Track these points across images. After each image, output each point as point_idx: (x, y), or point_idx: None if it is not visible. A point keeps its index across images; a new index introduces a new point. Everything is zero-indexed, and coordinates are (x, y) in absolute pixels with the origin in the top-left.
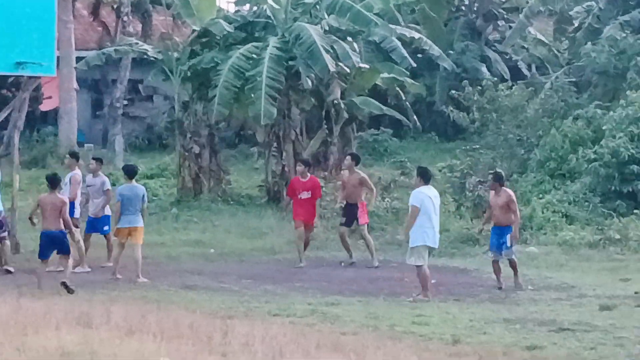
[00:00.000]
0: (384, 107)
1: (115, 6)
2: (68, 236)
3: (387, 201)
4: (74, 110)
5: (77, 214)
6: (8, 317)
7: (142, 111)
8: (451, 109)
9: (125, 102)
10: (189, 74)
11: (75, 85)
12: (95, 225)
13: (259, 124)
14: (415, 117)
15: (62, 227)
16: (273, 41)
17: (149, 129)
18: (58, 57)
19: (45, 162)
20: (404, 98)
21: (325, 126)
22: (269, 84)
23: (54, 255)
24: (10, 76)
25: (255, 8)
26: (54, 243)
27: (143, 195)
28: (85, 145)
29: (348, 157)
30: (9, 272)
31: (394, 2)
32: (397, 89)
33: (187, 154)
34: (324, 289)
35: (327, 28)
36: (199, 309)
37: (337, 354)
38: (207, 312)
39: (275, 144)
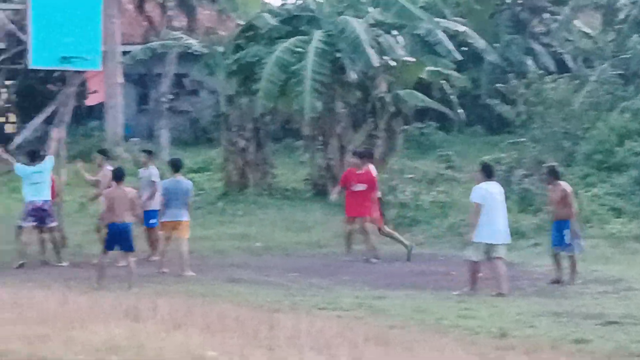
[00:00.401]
0: (430, 101)
1: (160, 0)
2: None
3: (433, 194)
4: (120, 105)
5: None
6: (55, 310)
7: (187, 105)
8: (497, 102)
9: (171, 97)
10: (234, 68)
11: (120, 79)
12: (144, 218)
13: (304, 118)
14: (460, 110)
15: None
16: (318, 35)
17: (194, 123)
18: (103, 52)
19: (91, 157)
20: (449, 91)
21: (371, 120)
22: (313, 78)
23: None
24: (56, 71)
25: (300, 2)
26: (120, 236)
27: (188, 190)
28: (131, 139)
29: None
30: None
31: None
32: (443, 82)
33: (232, 148)
34: (370, 282)
35: (372, 21)
36: (245, 303)
37: (384, 348)
38: (253, 305)
39: (320, 138)
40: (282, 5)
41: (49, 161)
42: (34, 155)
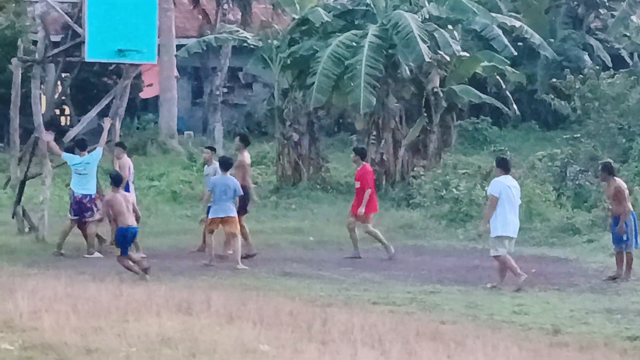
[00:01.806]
0: (484, 96)
1: None
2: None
3: (487, 190)
4: (174, 98)
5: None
6: (109, 303)
7: (241, 99)
8: (552, 97)
9: (225, 90)
10: (288, 61)
11: (175, 73)
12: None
13: (358, 113)
14: (515, 105)
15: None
16: (372, 29)
17: (249, 117)
18: (159, 45)
19: (145, 150)
20: (504, 86)
21: (425, 114)
22: (368, 72)
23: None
24: (112, 64)
25: None
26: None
27: (235, 189)
28: (185, 132)
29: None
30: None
31: None
32: (498, 77)
33: (286, 141)
34: (423, 277)
35: (427, 16)
36: (299, 297)
37: (437, 343)
38: (307, 299)
39: (374, 132)
40: None
41: (96, 153)
42: (83, 145)
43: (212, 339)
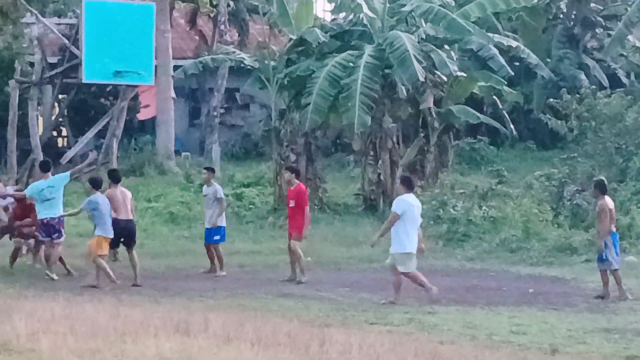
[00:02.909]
0: (481, 116)
1: (212, 15)
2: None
3: (485, 210)
4: (172, 119)
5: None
6: (107, 324)
7: (238, 120)
8: (549, 117)
9: (222, 111)
10: (285, 82)
11: (172, 94)
12: (210, 234)
13: (353, 132)
14: (512, 125)
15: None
16: (369, 49)
17: (246, 138)
18: (156, 66)
19: (143, 171)
20: (501, 106)
21: (422, 134)
22: (363, 92)
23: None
24: (109, 85)
25: (351, 16)
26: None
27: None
28: (183, 153)
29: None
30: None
31: (491, 10)
32: (494, 97)
33: (283, 162)
34: (421, 297)
35: (423, 36)
36: (297, 318)
37: None
38: (305, 320)
39: (371, 152)
40: (334, 20)
41: (61, 177)
42: (46, 167)
43: (210, 359)
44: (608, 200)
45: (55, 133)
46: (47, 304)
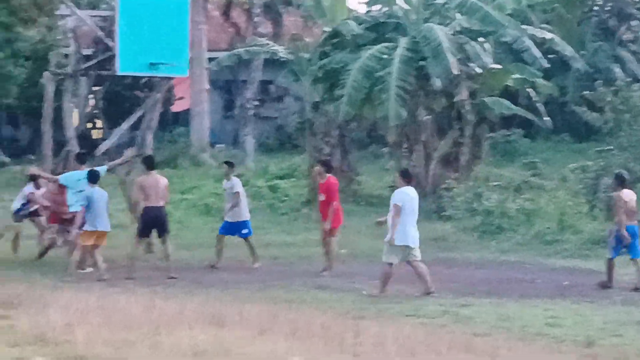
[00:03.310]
0: (515, 108)
1: (246, 7)
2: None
3: (519, 202)
4: (206, 111)
5: None
6: (141, 316)
7: (272, 112)
8: (584, 109)
9: (256, 103)
10: (319, 74)
11: (207, 86)
12: (233, 228)
13: (388, 125)
14: (547, 117)
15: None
16: (403, 42)
17: (280, 130)
18: (190, 58)
19: (177, 163)
20: (535, 98)
21: (457, 127)
22: (398, 85)
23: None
24: (144, 77)
25: (386, 9)
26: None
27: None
28: (217, 145)
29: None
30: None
31: (526, 2)
32: (529, 89)
33: (317, 154)
34: (455, 290)
35: (458, 29)
36: (331, 309)
37: (469, 355)
38: (339, 312)
39: (405, 145)
40: (368, 12)
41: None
42: (82, 159)
43: (244, 351)
44: (625, 193)
45: (90, 125)
46: (82, 295)
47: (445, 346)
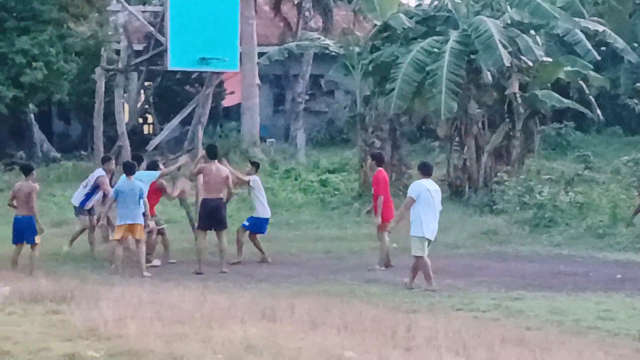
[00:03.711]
0: (567, 101)
1: (296, 2)
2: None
3: (571, 195)
4: (256, 106)
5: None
6: (194, 310)
7: (323, 106)
8: (636, 101)
9: (307, 97)
10: (370, 68)
11: (257, 80)
12: (258, 225)
13: (439, 118)
14: (598, 110)
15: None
16: (454, 35)
17: (330, 124)
18: (240, 53)
19: (228, 158)
20: (587, 91)
21: (508, 120)
22: (449, 78)
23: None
24: (194, 72)
25: (436, 2)
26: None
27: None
28: (268, 140)
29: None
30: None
31: None
32: (581, 82)
33: (368, 148)
34: (507, 283)
35: (509, 21)
36: (382, 303)
37: (522, 349)
38: (390, 306)
39: (457, 138)
40: (418, 5)
41: (151, 175)
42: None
43: (296, 345)
44: None
45: (141, 120)
46: (134, 289)
47: (497, 340)
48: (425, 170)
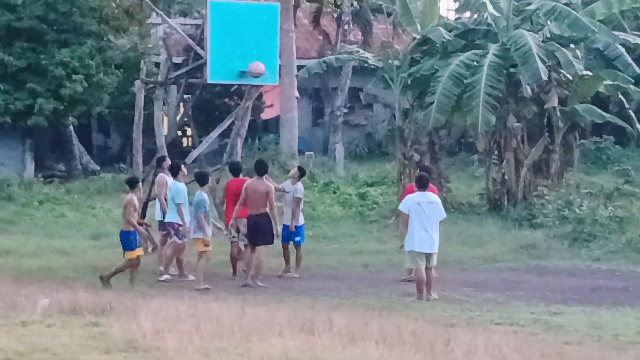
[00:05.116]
0: (607, 115)
1: (335, 15)
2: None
3: (610, 209)
4: (295, 119)
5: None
6: (232, 323)
7: (362, 119)
8: None
9: (346, 110)
10: (409, 81)
11: (296, 93)
12: (290, 233)
13: (477, 131)
14: (638, 124)
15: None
16: (493, 49)
17: (369, 137)
18: (280, 66)
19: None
20: (627, 105)
21: (547, 134)
22: (487, 92)
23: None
24: (233, 85)
25: (475, 16)
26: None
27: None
28: (306, 153)
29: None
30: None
31: (617, 8)
32: (621, 96)
33: (407, 161)
34: (546, 298)
35: (548, 35)
36: (421, 317)
37: None
38: (429, 319)
39: (496, 152)
40: (458, 19)
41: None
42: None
43: (334, 358)
44: None
45: (180, 133)
46: (173, 302)
47: (537, 355)
48: (420, 183)
